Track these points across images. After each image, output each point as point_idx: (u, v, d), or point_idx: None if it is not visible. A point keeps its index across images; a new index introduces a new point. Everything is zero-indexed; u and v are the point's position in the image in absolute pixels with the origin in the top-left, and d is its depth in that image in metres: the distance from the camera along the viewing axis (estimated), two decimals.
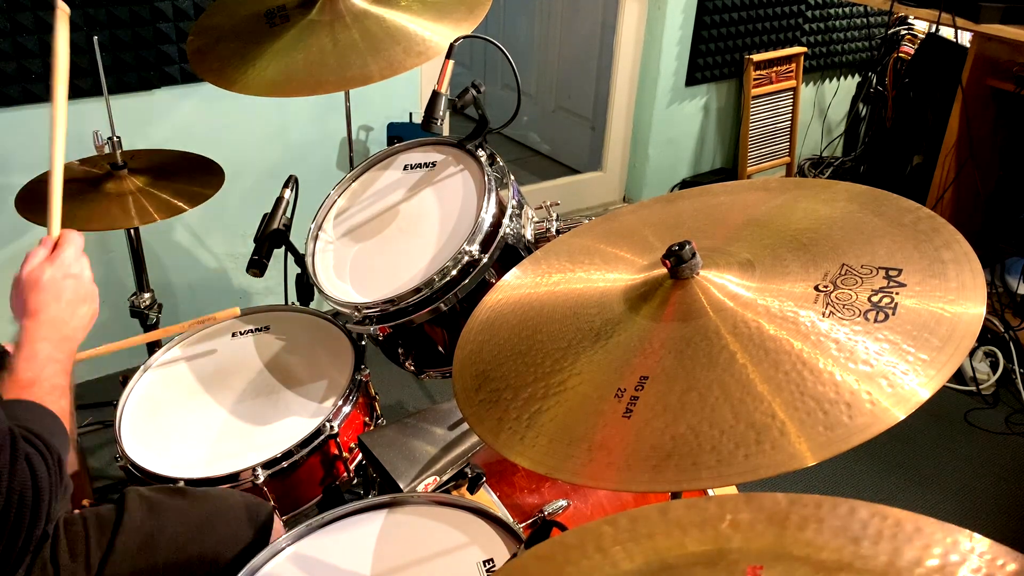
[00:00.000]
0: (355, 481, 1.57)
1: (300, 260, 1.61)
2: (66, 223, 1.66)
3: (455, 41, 1.56)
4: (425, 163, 1.64)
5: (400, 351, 1.58)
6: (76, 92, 2.20)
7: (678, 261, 0.92)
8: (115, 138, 1.79)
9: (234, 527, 1.19)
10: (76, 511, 1.17)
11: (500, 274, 1.27)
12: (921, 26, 3.35)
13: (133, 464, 1.41)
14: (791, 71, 3.64)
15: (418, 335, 1.53)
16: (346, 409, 1.51)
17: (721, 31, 3.43)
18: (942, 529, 0.53)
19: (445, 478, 1.29)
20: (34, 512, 0.89)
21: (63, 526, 1.11)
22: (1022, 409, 2.58)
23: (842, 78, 3.96)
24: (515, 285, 1.14)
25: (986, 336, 2.76)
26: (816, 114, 3.94)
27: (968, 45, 2.75)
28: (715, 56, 3.47)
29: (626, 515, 0.60)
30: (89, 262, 1.14)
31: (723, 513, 0.58)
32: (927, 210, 0.95)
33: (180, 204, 1.74)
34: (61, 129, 1.17)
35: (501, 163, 1.56)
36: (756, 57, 3.49)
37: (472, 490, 1.25)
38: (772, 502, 0.58)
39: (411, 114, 2.78)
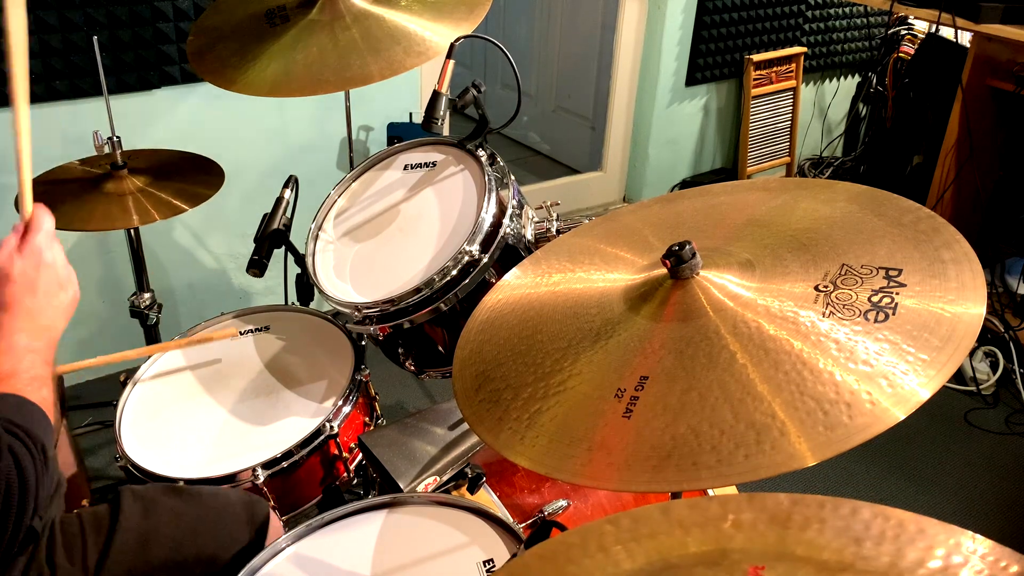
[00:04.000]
0: (355, 481, 1.57)
1: (300, 260, 1.61)
2: (67, 223, 1.67)
3: (455, 41, 1.56)
4: (425, 163, 1.64)
5: (400, 351, 1.58)
6: (76, 92, 2.20)
7: (678, 261, 0.92)
8: (115, 138, 1.79)
9: (230, 526, 1.19)
10: (75, 511, 1.17)
11: (500, 274, 1.27)
12: (921, 26, 3.35)
13: (133, 464, 1.41)
14: (791, 71, 3.65)
15: (418, 335, 1.53)
16: (346, 409, 1.51)
17: (721, 31, 3.43)
18: (945, 530, 0.53)
19: (445, 478, 1.29)
20: (21, 502, 0.88)
21: (59, 527, 1.10)
22: (1022, 409, 2.58)
23: (842, 78, 3.96)
24: (515, 285, 1.14)
25: (986, 336, 2.76)
26: (816, 114, 3.94)
27: (968, 45, 2.75)
28: (715, 56, 3.47)
29: (628, 515, 0.60)
30: (61, 245, 1.09)
31: (725, 513, 0.58)
32: (927, 210, 0.95)
33: (180, 204, 1.74)
34: (24, 108, 1.09)
35: (501, 163, 1.56)
36: (756, 57, 3.49)
37: (472, 490, 1.25)
38: (774, 502, 0.58)
39: (411, 114, 2.78)
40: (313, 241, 1.61)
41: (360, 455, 1.54)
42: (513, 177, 1.56)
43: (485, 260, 1.42)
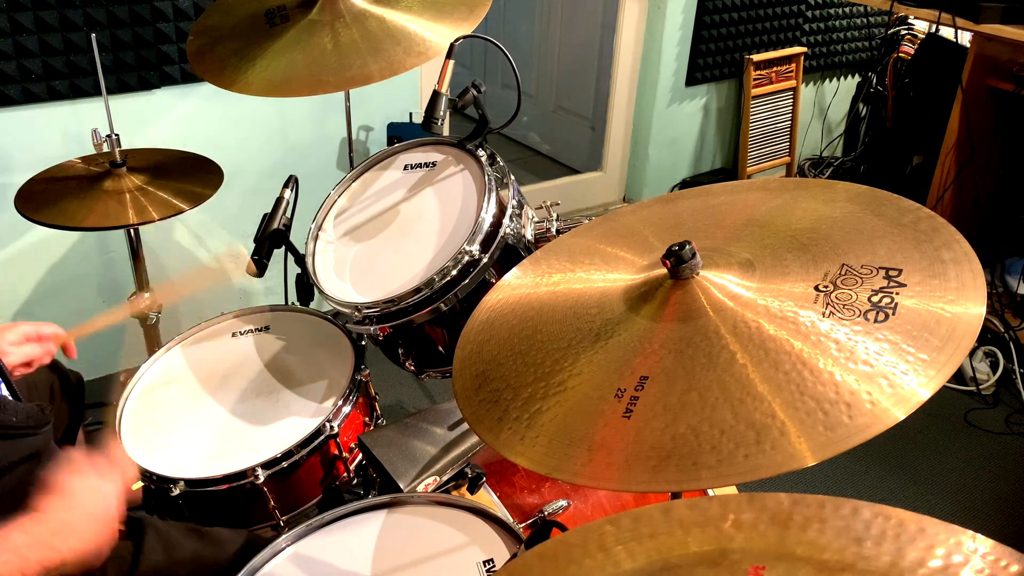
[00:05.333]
0: (355, 481, 1.57)
1: (300, 260, 1.61)
2: (65, 221, 1.67)
3: (455, 41, 1.56)
4: (425, 163, 1.64)
5: (400, 351, 1.58)
6: (77, 92, 2.20)
7: (678, 261, 0.92)
8: (114, 136, 1.79)
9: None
10: None
11: (500, 274, 1.26)
12: (921, 26, 3.35)
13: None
14: (791, 71, 3.64)
15: (418, 335, 1.53)
16: (346, 409, 1.51)
17: (721, 31, 3.43)
18: (945, 530, 0.53)
19: (445, 478, 1.29)
20: None
21: None
22: (1022, 409, 2.58)
23: (842, 78, 3.96)
24: (515, 285, 1.14)
25: (986, 336, 2.76)
26: (816, 114, 3.94)
27: (968, 45, 2.75)
28: (715, 56, 3.47)
29: (629, 515, 0.60)
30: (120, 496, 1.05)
31: (726, 513, 0.58)
32: (927, 210, 0.95)
33: (179, 203, 1.74)
34: None
35: (501, 163, 1.56)
36: (756, 57, 3.49)
37: (472, 490, 1.25)
38: (775, 502, 0.58)
39: (411, 114, 2.78)
40: (313, 241, 1.61)
41: (360, 455, 1.54)
42: (513, 177, 1.56)
43: (485, 260, 1.42)
